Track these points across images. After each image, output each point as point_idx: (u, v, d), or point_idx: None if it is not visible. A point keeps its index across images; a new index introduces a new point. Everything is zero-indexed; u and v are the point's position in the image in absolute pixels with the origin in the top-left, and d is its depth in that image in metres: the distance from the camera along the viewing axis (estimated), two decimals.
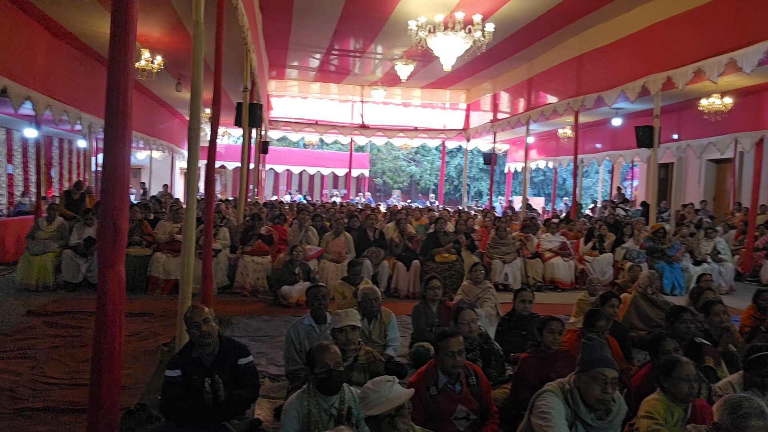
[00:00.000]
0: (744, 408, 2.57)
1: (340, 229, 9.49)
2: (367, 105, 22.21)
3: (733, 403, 2.61)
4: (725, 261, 10.78)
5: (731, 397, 2.67)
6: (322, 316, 4.73)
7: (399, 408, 2.59)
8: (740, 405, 2.58)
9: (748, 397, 2.64)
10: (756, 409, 2.55)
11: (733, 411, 2.58)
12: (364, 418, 2.67)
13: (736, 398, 2.65)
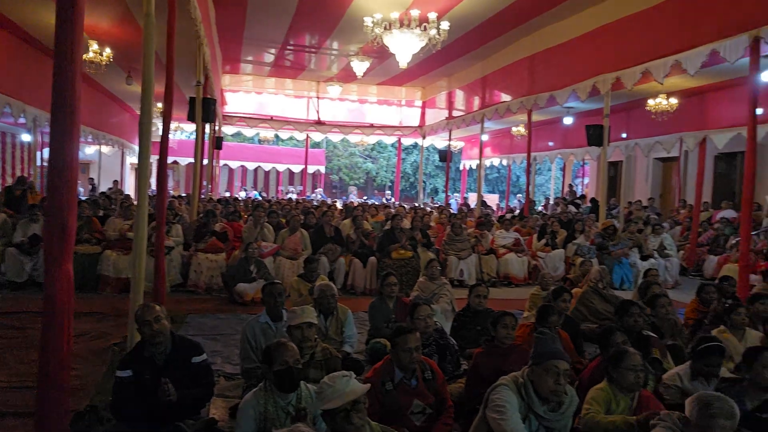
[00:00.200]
0: (714, 407, 2.61)
1: (296, 226, 9.43)
2: (323, 101, 22.11)
3: (704, 401, 2.65)
4: (671, 256, 11.16)
5: (703, 395, 2.71)
6: (279, 314, 4.70)
7: (354, 402, 2.60)
8: (711, 404, 2.63)
9: (720, 397, 2.68)
10: (726, 410, 2.60)
11: (703, 408, 2.63)
12: (320, 413, 2.67)
13: (708, 396, 2.69)
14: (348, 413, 2.58)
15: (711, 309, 6.14)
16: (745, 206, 8.27)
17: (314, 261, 6.98)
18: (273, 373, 3.10)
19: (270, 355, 3.13)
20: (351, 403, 2.59)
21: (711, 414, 2.59)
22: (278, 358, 3.10)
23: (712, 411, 2.60)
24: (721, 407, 2.60)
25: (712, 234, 12.47)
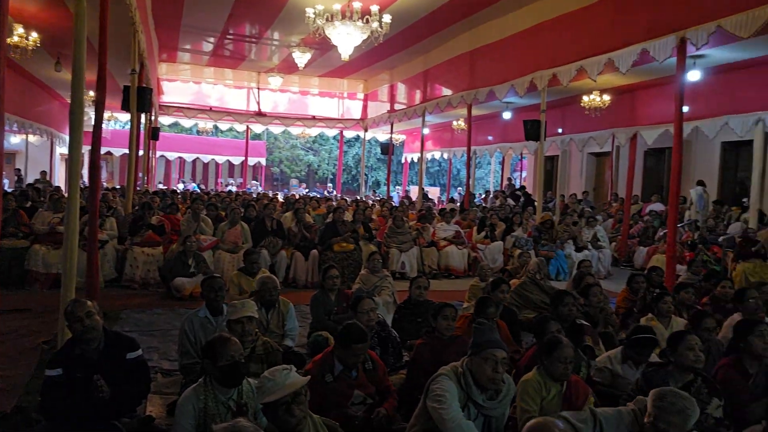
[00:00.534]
0: (666, 401, 2.68)
1: (236, 219, 9.27)
2: (263, 92, 21.78)
3: (658, 394, 2.73)
4: (604, 248, 11.58)
5: (662, 389, 2.78)
6: (219, 308, 4.62)
7: (295, 395, 2.59)
8: (664, 397, 2.70)
9: (678, 393, 2.74)
10: (678, 406, 2.65)
11: (656, 401, 2.71)
12: (261, 407, 2.65)
13: (664, 391, 2.76)
14: (289, 406, 2.57)
15: (640, 298, 6.42)
16: (672, 200, 8.67)
17: (254, 253, 6.88)
18: (218, 368, 3.05)
19: (213, 350, 3.07)
20: (292, 395, 2.59)
21: (662, 407, 2.66)
22: (223, 353, 3.05)
23: (663, 404, 2.67)
24: (673, 403, 2.65)
25: (641, 226, 13.01)
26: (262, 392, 2.60)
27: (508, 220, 11.86)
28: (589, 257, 10.45)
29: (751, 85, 10.77)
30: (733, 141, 13.07)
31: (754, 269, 8.93)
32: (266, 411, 2.62)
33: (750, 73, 10.77)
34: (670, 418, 2.61)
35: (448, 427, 2.99)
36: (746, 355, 3.85)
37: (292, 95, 22.73)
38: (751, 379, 3.78)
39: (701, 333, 4.39)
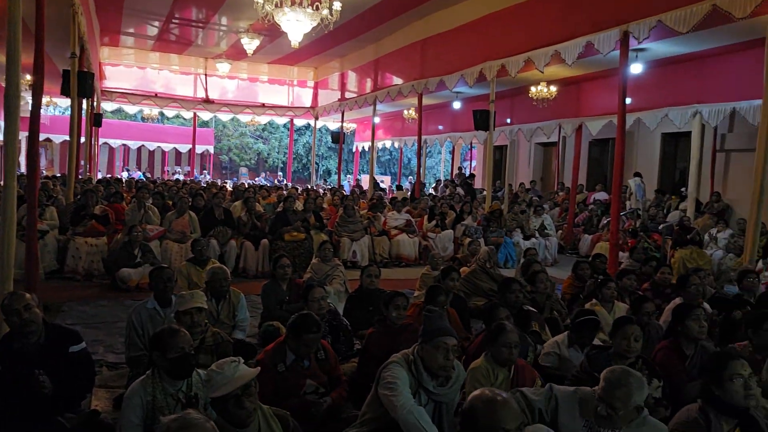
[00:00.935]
0: (613, 376, 2.75)
1: (183, 208, 9.08)
2: (211, 78, 21.35)
3: (608, 372, 2.80)
4: (550, 236, 11.87)
5: (613, 367, 2.85)
6: (168, 299, 4.53)
7: (245, 387, 2.57)
8: (612, 371, 2.77)
9: (626, 370, 2.82)
10: (620, 380, 2.72)
11: (606, 375, 2.78)
12: (210, 401, 2.61)
13: (613, 368, 2.83)
14: (239, 398, 2.54)
15: (586, 284, 6.61)
16: (615, 189, 8.95)
17: (203, 243, 6.77)
18: (167, 360, 2.99)
19: (162, 342, 3.01)
20: (241, 387, 2.56)
21: (608, 379, 2.74)
22: (172, 344, 2.99)
23: (611, 378, 2.74)
24: (619, 378, 2.73)
25: (586, 215, 13.38)
26: (211, 386, 2.56)
27: (459, 208, 12.02)
28: (536, 245, 10.71)
29: (690, 78, 11.18)
30: (672, 132, 13.54)
31: (691, 255, 9.32)
32: (215, 404, 2.58)
33: (688, 67, 11.17)
34: (614, 391, 2.69)
35: (399, 414, 3.03)
36: (683, 338, 4.02)
37: (240, 82, 22.35)
38: (687, 361, 3.96)
39: (641, 317, 4.57)
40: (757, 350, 4.02)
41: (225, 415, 2.54)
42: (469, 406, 2.19)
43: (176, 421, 2.02)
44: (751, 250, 6.91)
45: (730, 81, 10.33)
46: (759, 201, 6.70)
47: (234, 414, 2.54)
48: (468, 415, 2.17)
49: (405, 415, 3.01)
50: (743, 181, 10.88)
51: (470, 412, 2.16)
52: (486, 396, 2.22)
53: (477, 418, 2.13)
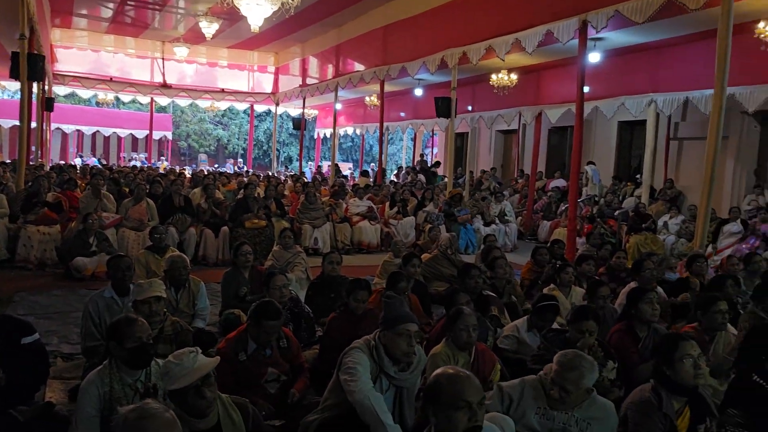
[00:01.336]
0: (565, 359, 2.82)
1: (141, 195, 8.89)
2: (169, 63, 20.86)
3: (560, 354, 2.87)
4: (510, 222, 12.04)
5: (566, 351, 2.92)
6: (126, 288, 4.44)
7: (204, 377, 2.54)
8: (565, 354, 2.84)
9: (578, 353, 2.88)
10: (573, 362, 2.80)
11: (558, 359, 2.85)
12: (168, 392, 2.56)
13: (567, 352, 2.90)
14: (199, 389, 2.50)
15: (544, 270, 6.74)
16: (573, 176, 9.12)
17: (161, 230, 6.65)
18: (126, 350, 2.94)
19: (120, 332, 2.95)
20: (201, 378, 2.53)
21: (561, 363, 2.82)
22: (129, 334, 2.93)
23: (563, 361, 2.82)
24: (571, 360, 2.81)
25: (545, 201, 13.61)
26: (169, 378, 2.51)
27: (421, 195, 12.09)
28: (496, 231, 10.86)
29: (645, 68, 11.42)
30: (628, 120, 13.85)
31: (645, 241, 9.58)
32: (173, 395, 2.53)
33: (644, 57, 11.41)
34: (567, 374, 2.77)
35: (356, 398, 3.04)
36: (637, 321, 4.15)
37: (199, 67, 21.92)
38: (640, 343, 4.08)
39: (596, 300, 4.69)
40: (706, 331, 4.17)
41: (184, 406, 2.50)
42: (432, 381, 2.23)
43: (134, 411, 1.99)
44: (701, 236, 7.15)
45: (683, 71, 10.59)
46: (709, 188, 6.92)
47: (194, 405, 2.51)
48: (431, 390, 2.20)
49: (361, 400, 3.02)
50: (695, 169, 11.23)
51: (433, 386, 2.20)
52: (448, 372, 2.26)
53: (440, 392, 2.16)
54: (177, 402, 2.50)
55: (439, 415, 2.17)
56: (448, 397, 2.15)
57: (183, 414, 2.47)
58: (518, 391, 2.94)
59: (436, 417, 2.18)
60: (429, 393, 2.21)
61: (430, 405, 2.19)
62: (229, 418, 2.62)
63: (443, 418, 2.16)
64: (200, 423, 2.52)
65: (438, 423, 2.17)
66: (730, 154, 11.78)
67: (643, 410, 2.87)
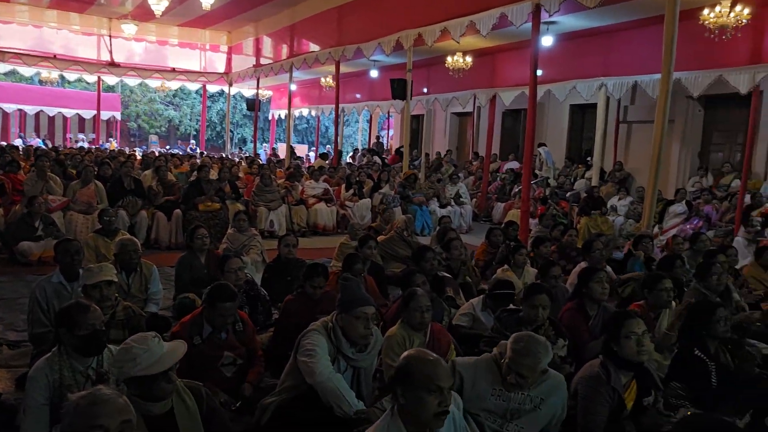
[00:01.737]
0: (522, 343, 2.84)
1: (89, 177, 8.62)
2: (116, 40, 20.14)
3: (515, 338, 2.89)
4: (465, 204, 12.18)
5: (519, 334, 2.93)
6: (75, 273, 4.32)
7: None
8: (520, 340, 2.86)
9: (532, 337, 2.90)
10: (529, 349, 2.82)
11: (513, 344, 2.86)
12: (128, 378, 2.48)
13: (521, 336, 2.91)
14: (167, 374, 2.47)
15: (498, 250, 6.87)
16: (527, 158, 9.27)
17: (109, 212, 6.47)
18: (78, 337, 2.86)
19: (70, 318, 2.87)
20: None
21: (516, 350, 2.84)
22: (81, 321, 2.86)
23: (518, 347, 2.84)
24: (527, 346, 2.83)
25: (499, 183, 13.80)
26: (135, 363, 2.43)
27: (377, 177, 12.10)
28: (452, 213, 10.97)
29: (596, 52, 11.64)
30: (580, 104, 14.12)
31: (595, 222, 9.85)
32: (133, 380, 2.46)
33: (595, 41, 11.62)
34: (522, 360, 2.82)
35: (318, 380, 3.06)
36: (587, 300, 4.28)
37: (149, 45, 21.27)
38: (591, 321, 4.22)
39: (549, 280, 4.81)
40: (652, 309, 4.34)
41: (142, 391, 2.45)
42: (404, 363, 2.24)
43: (85, 398, 1.95)
44: (648, 216, 7.38)
45: (632, 55, 10.83)
46: (656, 170, 7.13)
47: (157, 390, 2.46)
48: (403, 371, 2.21)
49: (324, 382, 3.05)
50: (643, 152, 11.55)
51: (405, 368, 2.21)
52: (421, 355, 2.29)
53: (412, 373, 2.18)
54: (135, 387, 2.45)
55: (408, 396, 2.19)
56: (420, 380, 2.17)
57: (137, 400, 2.43)
58: (472, 372, 2.97)
59: (404, 398, 2.20)
60: (401, 374, 2.22)
61: (400, 385, 2.20)
62: (182, 402, 2.58)
63: (413, 398, 2.18)
64: (155, 407, 2.48)
65: (407, 403, 2.20)
66: (676, 137, 12.16)
67: (592, 384, 2.98)
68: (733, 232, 9.11)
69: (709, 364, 3.54)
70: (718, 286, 4.81)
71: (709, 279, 4.81)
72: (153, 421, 2.46)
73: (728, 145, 12.03)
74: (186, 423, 2.55)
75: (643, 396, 3.03)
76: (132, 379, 2.44)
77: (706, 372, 3.52)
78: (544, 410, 2.90)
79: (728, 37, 8.08)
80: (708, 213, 9.84)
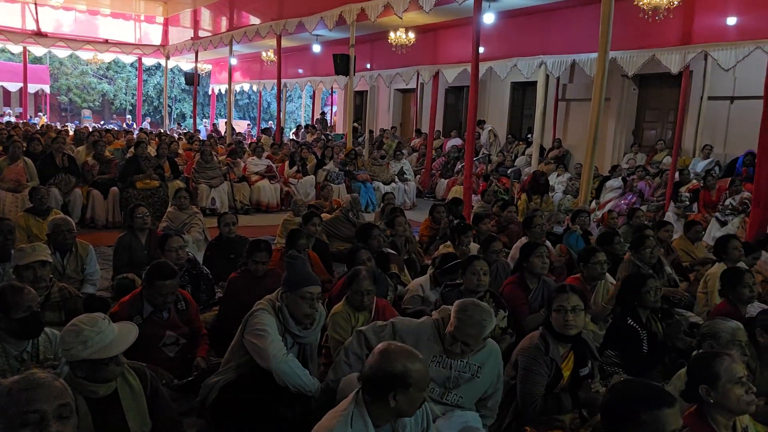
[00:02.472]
0: (467, 312, 2.85)
1: (17, 154, 8.20)
2: (43, 9, 19.11)
3: (462, 307, 2.89)
4: (409, 180, 12.26)
5: (464, 302, 2.93)
6: (7, 254, 4.13)
7: None
8: (465, 309, 2.87)
9: (477, 305, 2.91)
10: (473, 318, 2.82)
11: (458, 313, 2.87)
12: (76, 360, 2.38)
13: (466, 304, 2.91)
14: (117, 357, 2.41)
15: (441, 227, 6.96)
16: (469, 135, 9.38)
17: (41, 190, 6.20)
18: (13, 321, 2.75)
19: (5, 302, 2.75)
20: None
21: (461, 319, 2.86)
22: (16, 303, 2.75)
23: (463, 316, 2.85)
24: (472, 315, 2.83)
25: (443, 160, 13.93)
26: (86, 346, 2.34)
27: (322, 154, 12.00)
28: (396, 189, 11.03)
29: (536, 30, 11.81)
30: (521, 81, 14.34)
31: (536, 201, 10.07)
32: (81, 364, 2.36)
33: (535, 19, 11.77)
34: (468, 330, 2.85)
35: (273, 363, 3.03)
36: (528, 273, 4.40)
37: (78, 15, 20.27)
38: (531, 294, 4.35)
39: (490, 255, 4.91)
40: (587, 281, 4.52)
41: (89, 374, 2.38)
42: (401, 369, 2.14)
43: (19, 382, 1.87)
44: (585, 192, 7.61)
45: (571, 34, 11.04)
46: (593, 147, 7.35)
47: (107, 372, 2.39)
48: (400, 377, 2.13)
49: (279, 365, 3.04)
50: (581, 129, 11.86)
51: (404, 375, 2.14)
52: (412, 356, 2.22)
53: (410, 378, 2.14)
54: (81, 369, 2.37)
55: (401, 398, 2.14)
56: (418, 383, 2.14)
57: (81, 381, 2.37)
58: (414, 338, 2.96)
59: (397, 400, 2.14)
60: (398, 380, 2.13)
61: (395, 390, 2.14)
62: (126, 384, 2.52)
63: (406, 400, 2.14)
64: (100, 389, 2.42)
65: (397, 405, 2.14)
66: (612, 115, 12.53)
67: (531, 355, 3.08)
68: (664, 207, 9.53)
69: (641, 332, 3.72)
70: (651, 259, 5.05)
71: (642, 252, 5.04)
72: (96, 402, 2.41)
73: (660, 123, 12.50)
74: (131, 404, 2.51)
75: (579, 367, 3.15)
76: (79, 362, 2.36)
77: (638, 340, 3.70)
78: (482, 378, 2.97)
79: (661, 18, 8.34)
80: (641, 189, 10.23)
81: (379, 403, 2.17)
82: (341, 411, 2.21)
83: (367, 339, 3.08)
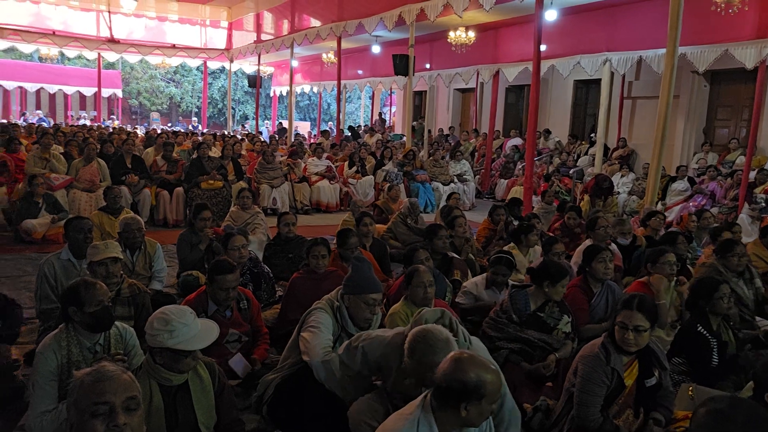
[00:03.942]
0: (427, 340, 2.49)
1: (91, 155, 8.60)
2: (115, 16, 19.94)
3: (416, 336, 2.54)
4: (468, 181, 12.15)
5: (418, 329, 2.57)
6: (84, 251, 4.32)
7: None
8: (425, 338, 2.50)
9: (433, 330, 2.53)
10: (435, 345, 2.47)
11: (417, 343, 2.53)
12: (156, 348, 2.50)
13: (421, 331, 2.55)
14: (194, 351, 2.53)
15: (499, 228, 6.85)
16: (530, 135, 9.22)
17: (114, 190, 6.47)
18: (87, 314, 2.88)
19: (79, 297, 2.88)
20: None
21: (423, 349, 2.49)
22: (90, 298, 2.88)
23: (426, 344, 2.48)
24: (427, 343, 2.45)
25: (503, 161, 13.75)
26: (172, 336, 2.47)
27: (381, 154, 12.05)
28: (456, 190, 10.95)
29: (600, 26, 11.50)
30: (584, 79, 13.99)
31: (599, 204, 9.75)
32: (161, 350, 2.49)
33: (600, 15, 11.47)
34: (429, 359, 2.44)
35: (314, 359, 3.06)
36: (591, 278, 4.28)
37: (148, 21, 21.04)
38: (593, 298, 4.22)
39: (551, 257, 4.80)
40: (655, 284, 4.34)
41: (167, 362, 2.52)
42: (475, 380, 2.10)
43: (91, 374, 1.96)
44: (652, 193, 7.35)
45: (637, 30, 10.70)
46: (660, 146, 7.09)
47: (184, 364, 2.54)
48: (474, 388, 2.09)
49: (319, 362, 3.05)
50: (647, 127, 11.47)
51: (477, 386, 2.10)
52: (488, 368, 2.17)
53: (485, 389, 2.11)
54: (161, 357, 2.51)
55: (472, 410, 2.11)
56: (491, 394, 2.11)
57: (158, 368, 2.53)
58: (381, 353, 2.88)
59: (468, 411, 2.11)
60: (472, 391, 2.10)
61: (468, 401, 2.11)
62: (197, 377, 2.65)
63: (477, 411, 2.12)
64: (174, 378, 2.57)
65: (468, 415, 2.12)
66: (681, 113, 12.06)
67: (591, 364, 2.96)
68: (737, 209, 9.09)
69: (711, 340, 3.55)
70: (738, 266, 4.74)
71: (730, 258, 4.72)
72: (169, 390, 2.56)
73: (734, 121, 11.94)
74: (200, 396, 2.63)
75: (645, 377, 3.02)
76: (161, 349, 2.50)
77: (708, 348, 3.53)
78: None
79: (734, 11, 7.96)
80: (713, 190, 9.79)
81: (448, 411, 2.14)
82: (407, 414, 2.20)
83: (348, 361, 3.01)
